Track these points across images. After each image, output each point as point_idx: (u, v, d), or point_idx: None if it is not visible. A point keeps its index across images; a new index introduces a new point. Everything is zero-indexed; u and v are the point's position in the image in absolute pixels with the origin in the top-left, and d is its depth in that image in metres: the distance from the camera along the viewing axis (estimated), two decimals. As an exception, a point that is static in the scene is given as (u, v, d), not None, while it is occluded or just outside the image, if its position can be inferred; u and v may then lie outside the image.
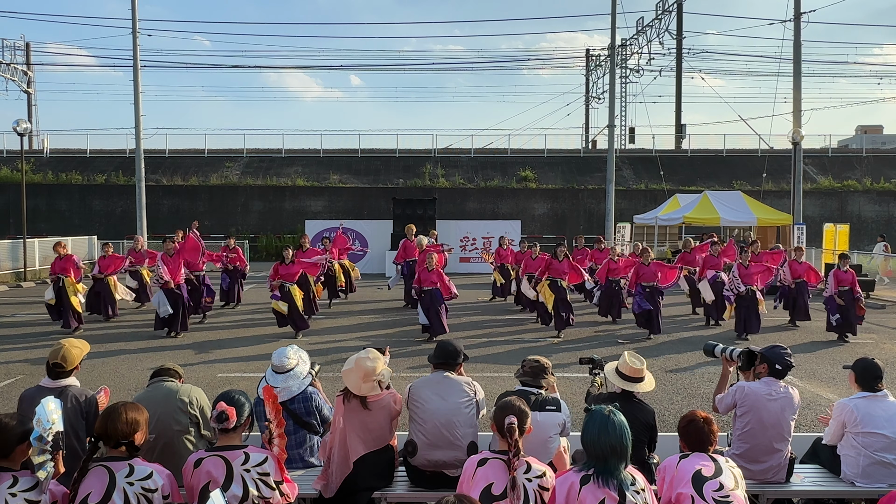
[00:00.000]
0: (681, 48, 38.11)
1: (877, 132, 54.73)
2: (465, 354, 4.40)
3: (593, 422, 2.97)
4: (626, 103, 39.81)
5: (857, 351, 10.01)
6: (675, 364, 9.26)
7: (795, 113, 21.64)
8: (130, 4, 22.84)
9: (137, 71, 23.03)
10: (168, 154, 35.20)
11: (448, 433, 4.03)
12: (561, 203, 32.19)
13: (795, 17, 21.66)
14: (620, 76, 37.53)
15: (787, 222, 20.66)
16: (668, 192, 25.95)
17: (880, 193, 32.78)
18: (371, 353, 4.11)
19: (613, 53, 26.73)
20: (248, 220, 31.58)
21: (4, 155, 34.61)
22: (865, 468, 4.12)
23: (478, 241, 23.56)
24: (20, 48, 38.44)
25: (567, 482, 2.94)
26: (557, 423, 4.02)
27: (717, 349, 4.59)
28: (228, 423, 3.29)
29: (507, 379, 8.06)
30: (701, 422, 3.29)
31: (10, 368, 9.02)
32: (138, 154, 23.29)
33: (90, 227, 29.06)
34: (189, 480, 3.24)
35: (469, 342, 10.77)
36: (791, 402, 4.22)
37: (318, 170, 34.09)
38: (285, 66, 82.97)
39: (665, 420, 6.44)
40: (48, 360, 4.09)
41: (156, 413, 3.91)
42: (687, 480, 3.08)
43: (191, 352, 10.11)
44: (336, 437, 4.05)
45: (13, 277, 20.42)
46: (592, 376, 4.74)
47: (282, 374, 4.39)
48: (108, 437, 3.12)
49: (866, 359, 4.41)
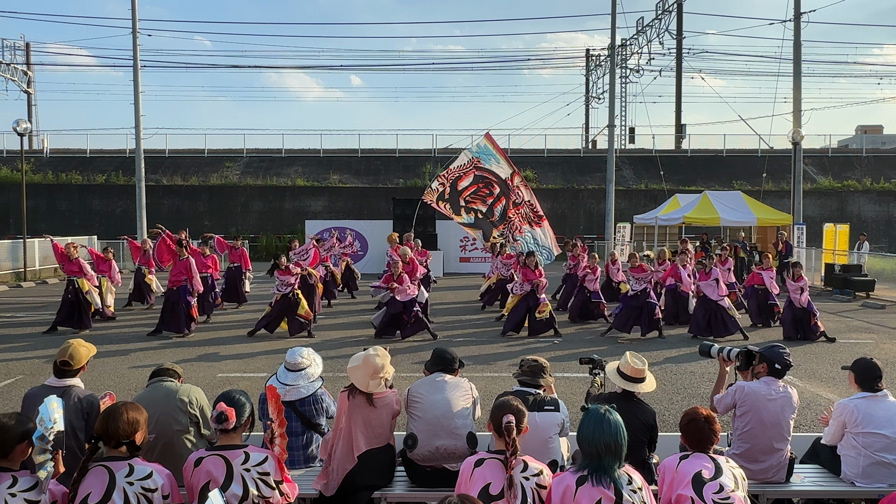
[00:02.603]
0: (681, 48, 38.13)
1: (877, 132, 54.70)
2: (461, 361, 4.46)
3: (589, 420, 2.99)
4: (626, 103, 39.87)
5: (856, 351, 10.01)
6: (675, 364, 9.26)
7: (795, 113, 21.65)
8: (130, 4, 22.87)
9: (137, 71, 23.05)
10: (168, 154, 35.21)
11: (447, 422, 4.07)
12: (561, 203, 32.19)
13: (795, 17, 21.67)
14: (620, 76, 37.54)
15: (787, 222, 20.65)
16: (668, 192, 25.93)
17: (880, 193, 32.80)
18: (379, 350, 4.15)
19: (613, 53, 26.74)
20: (248, 220, 31.59)
21: (4, 155, 34.63)
22: (865, 468, 4.12)
23: (478, 241, 23.52)
24: (20, 48, 38.50)
25: (563, 483, 2.95)
26: (556, 423, 4.03)
27: (713, 350, 4.58)
28: (228, 423, 3.29)
29: (506, 379, 8.06)
30: (702, 420, 3.29)
31: (10, 368, 9.02)
32: (138, 154, 23.31)
33: (90, 228, 29.09)
34: (189, 480, 3.25)
35: (468, 342, 10.77)
36: (790, 401, 4.22)
37: (318, 170, 34.10)
38: (285, 66, 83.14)
39: (665, 420, 6.44)
40: (56, 358, 4.11)
41: (155, 413, 3.92)
42: (687, 482, 3.08)
43: (191, 352, 10.12)
44: (339, 435, 4.07)
45: (13, 277, 20.42)
46: (592, 376, 4.74)
47: (294, 372, 4.45)
48: (108, 436, 3.12)
49: (865, 359, 4.41)
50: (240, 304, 14.85)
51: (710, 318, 11.14)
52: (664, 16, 33.08)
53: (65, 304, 11.81)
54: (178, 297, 11.30)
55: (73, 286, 11.80)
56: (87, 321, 11.86)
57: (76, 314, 11.85)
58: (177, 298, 11.31)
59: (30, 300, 15.97)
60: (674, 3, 32.48)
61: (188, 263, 11.46)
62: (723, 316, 11.18)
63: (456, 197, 13.17)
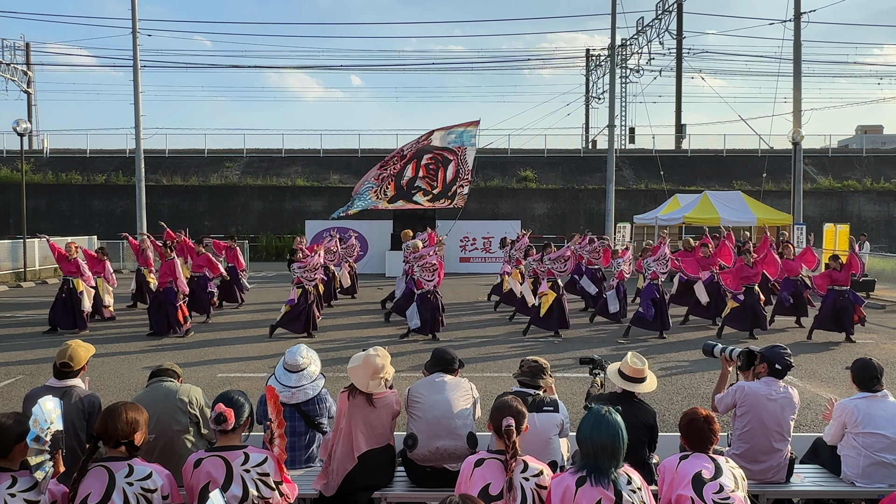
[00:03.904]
0: (681, 48, 38.11)
1: (877, 132, 54.68)
2: (460, 361, 4.46)
3: (588, 419, 3.00)
4: (626, 103, 39.82)
5: (857, 351, 10.01)
6: (675, 364, 9.26)
7: (795, 113, 21.66)
8: (130, 4, 22.86)
9: (137, 71, 23.05)
10: (168, 154, 35.21)
11: (447, 423, 4.07)
12: (561, 203, 32.20)
13: (795, 17, 21.67)
14: (620, 76, 37.51)
15: (787, 222, 20.66)
16: (668, 192, 25.93)
17: (880, 193, 32.79)
18: (379, 350, 4.16)
19: (613, 53, 26.74)
20: (248, 220, 31.59)
21: (4, 155, 34.62)
22: (866, 468, 4.12)
23: (478, 240, 23.56)
24: (20, 48, 38.46)
25: (563, 484, 2.95)
26: (555, 423, 4.03)
27: (717, 349, 4.59)
28: (227, 424, 3.29)
29: (507, 379, 8.06)
30: (702, 420, 3.28)
31: (10, 368, 9.01)
32: (138, 154, 23.30)
33: (90, 228, 29.07)
34: (189, 481, 3.24)
35: (468, 342, 10.77)
36: (791, 401, 4.22)
37: (319, 170, 34.10)
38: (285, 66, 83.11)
39: (665, 420, 6.44)
40: (55, 360, 4.12)
41: (155, 413, 3.91)
42: (687, 482, 3.08)
43: (191, 352, 10.11)
44: (339, 435, 4.07)
45: (13, 277, 20.42)
46: (592, 376, 4.74)
47: (295, 373, 4.44)
48: (107, 436, 3.12)
49: (863, 359, 4.42)
50: (239, 305, 14.84)
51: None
52: (664, 16, 33.05)
53: (58, 303, 11.78)
54: (164, 299, 11.35)
55: (68, 286, 11.76)
56: (83, 322, 11.79)
57: (70, 314, 11.77)
58: (163, 299, 11.35)
59: (30, 300, 15.97)
60: (674, 3, 32.46)
61: (173, 264, 11.44)
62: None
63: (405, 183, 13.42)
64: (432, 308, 10.99)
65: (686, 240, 14.70)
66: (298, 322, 11.21)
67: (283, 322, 11.25)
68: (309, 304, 11.24)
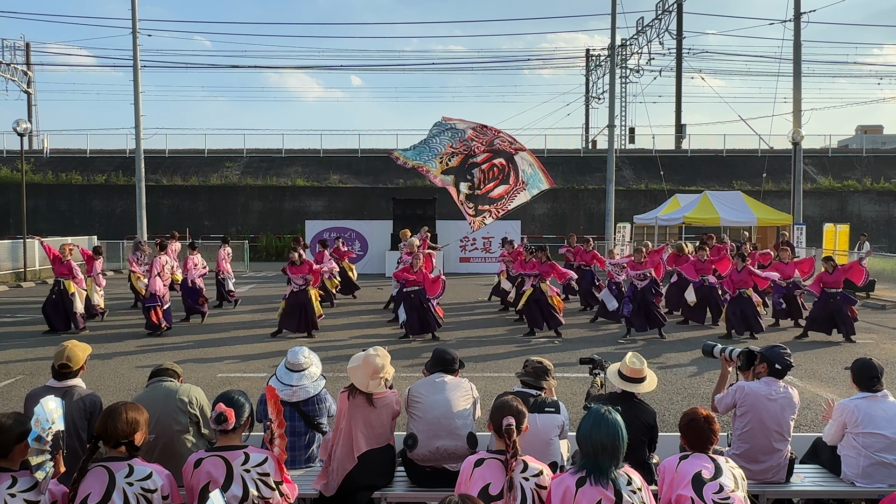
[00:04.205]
0: (681, 48, 38.11)
1: (877, 132, 54.67)
2: (460, 361, 4.45)
3: (588, 418, 3.00)
4: (626, 103, 39.83)
5: (857, 351, 10.01)
6: (675, 364, 9.26)
7: (795, 113, 21.66)
8: (130, 4, 22.84)
9: (137, 71, 23.03)
10: (168, 154, 35.20)
11: (447, 423, 4.07)
12: (561, 203, 32.19)
13: (795, 18, 21.67)
14: (620, 76, 37.51)
15: (787, 222, 20.64)
16: (668, 192, 25.93)
17: (880, 193, 32.79)
18: (379, 350, 4.17)
19: (613, 53, 26.72)
20: (248, 220, 31.58)
21: (4, 155, 34.62)
22: (866, 468, 4.12)
23: (478, 241, 23.55)
24: (20, 48, 38.46)
25: (563, 484, 2.94)
26: (556, 424, 4.03)
27: (716, 349, 4.59)
28: (227, 424, 3.29)
29: (507, 379, 8.06)
30: (702, 421, 3.28)
31: (10, 368, 9.01)
32: (138, 154, 23.29)
33: (90, 228, 29.07)
34: (189, 481, 3.24)
35: (468, 342, 10.77)
36: (791, 401, 4.22)
37: (318, 170, 34.09)
38: (285, 66, 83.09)
39: (665, 420, 6.44)
40: (53, 362, 4.12)
41: (155, 413, 3.91)
42: (687, 482, 3.08)
43: (191, 352, 10.12)
44: (339, 435, 4.08)
45: (13, 277, 20.42)
46: (592, 376, 4.74)
47: (297, 372, 4.44)
48: (108, 436, 3.12)
49: (863, 359, 4.41)
50: (235, 305, 14.81)
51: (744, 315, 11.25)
52: (664, 16, 33.05)
53: (48, 303, 11.77)
54: (145, 301, 11.62)
55: (59, 287, 11.75)
56: (76, 322, 11.76)
57: (62, 315, 11.74)
58: (147, 301, 11.57)
59: (30, 300, 15.95)
60: (674, 3, 32.46)
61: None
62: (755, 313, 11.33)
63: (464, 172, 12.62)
64: (416, 308, 10.92)
65: (679, 244, 14.62)
66: (294, 319, 11.24)
67: (282, 321, 11.31)
68: (303, 303, 11.25)
